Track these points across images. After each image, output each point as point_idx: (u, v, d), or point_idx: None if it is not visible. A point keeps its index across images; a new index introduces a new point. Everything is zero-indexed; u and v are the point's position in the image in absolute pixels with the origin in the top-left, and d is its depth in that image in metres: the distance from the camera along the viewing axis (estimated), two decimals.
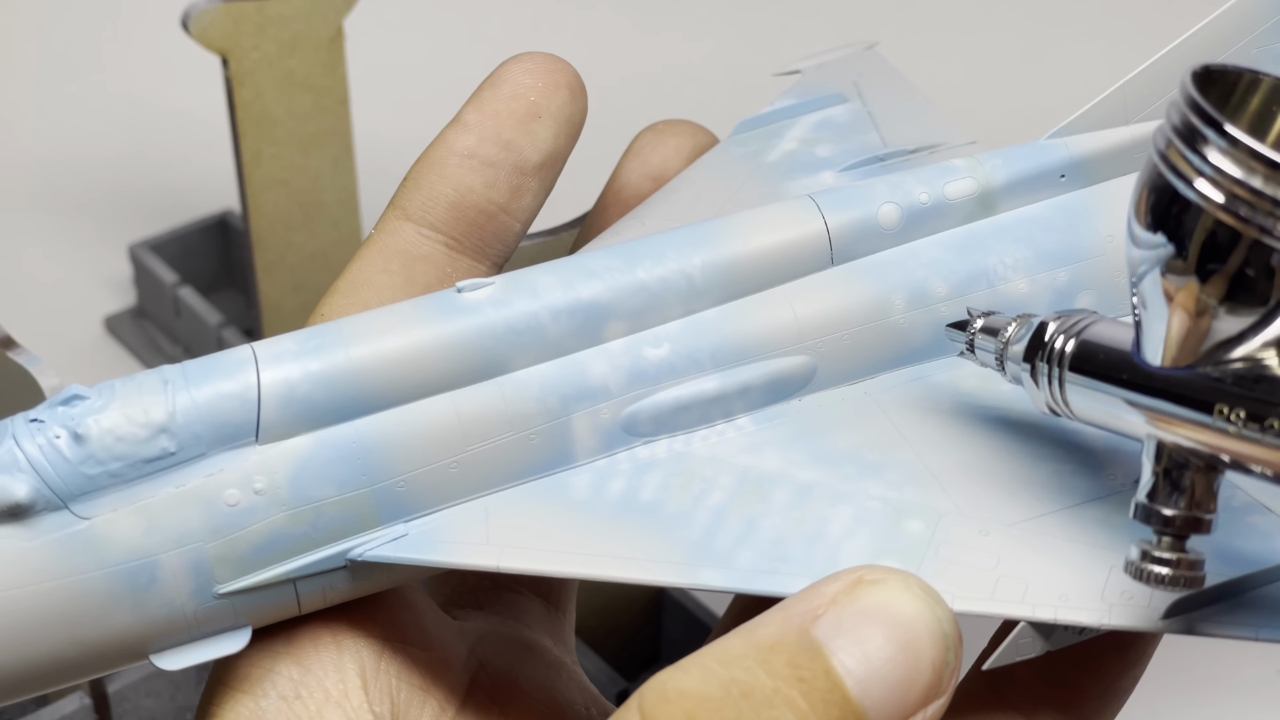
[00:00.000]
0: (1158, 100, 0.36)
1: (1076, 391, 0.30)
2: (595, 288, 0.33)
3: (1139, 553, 0.28)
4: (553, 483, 0.33)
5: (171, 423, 0.31)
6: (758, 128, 0.42)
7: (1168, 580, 0.27)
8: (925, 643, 0.28)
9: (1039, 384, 0.30)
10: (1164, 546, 0.28)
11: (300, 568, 0.31)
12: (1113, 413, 0.29)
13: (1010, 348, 0.31)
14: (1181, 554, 0.28)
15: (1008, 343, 0.32)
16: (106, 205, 0.74)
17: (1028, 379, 0.31)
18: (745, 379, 0.34)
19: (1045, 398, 0.30)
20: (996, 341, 0.32)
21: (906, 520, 0.31)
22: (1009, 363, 0.31)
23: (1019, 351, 0.31)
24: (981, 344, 0.32)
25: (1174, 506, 0.28)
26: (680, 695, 0.27)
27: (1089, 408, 0.30)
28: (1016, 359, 0.31)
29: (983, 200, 0.36)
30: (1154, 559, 0.28)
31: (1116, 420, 0.29)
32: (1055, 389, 0.30)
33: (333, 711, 0.32)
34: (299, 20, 0.57)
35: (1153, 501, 0.28)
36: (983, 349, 0.32)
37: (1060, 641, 0.30)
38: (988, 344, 0.32)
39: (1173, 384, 0.28)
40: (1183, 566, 0.27)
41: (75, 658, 0.31)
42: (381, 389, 0.32)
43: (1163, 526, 0.28)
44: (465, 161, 0.37)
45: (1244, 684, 0.54)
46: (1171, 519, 0.28)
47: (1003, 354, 0.32)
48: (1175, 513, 0.28)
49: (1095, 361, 0.29)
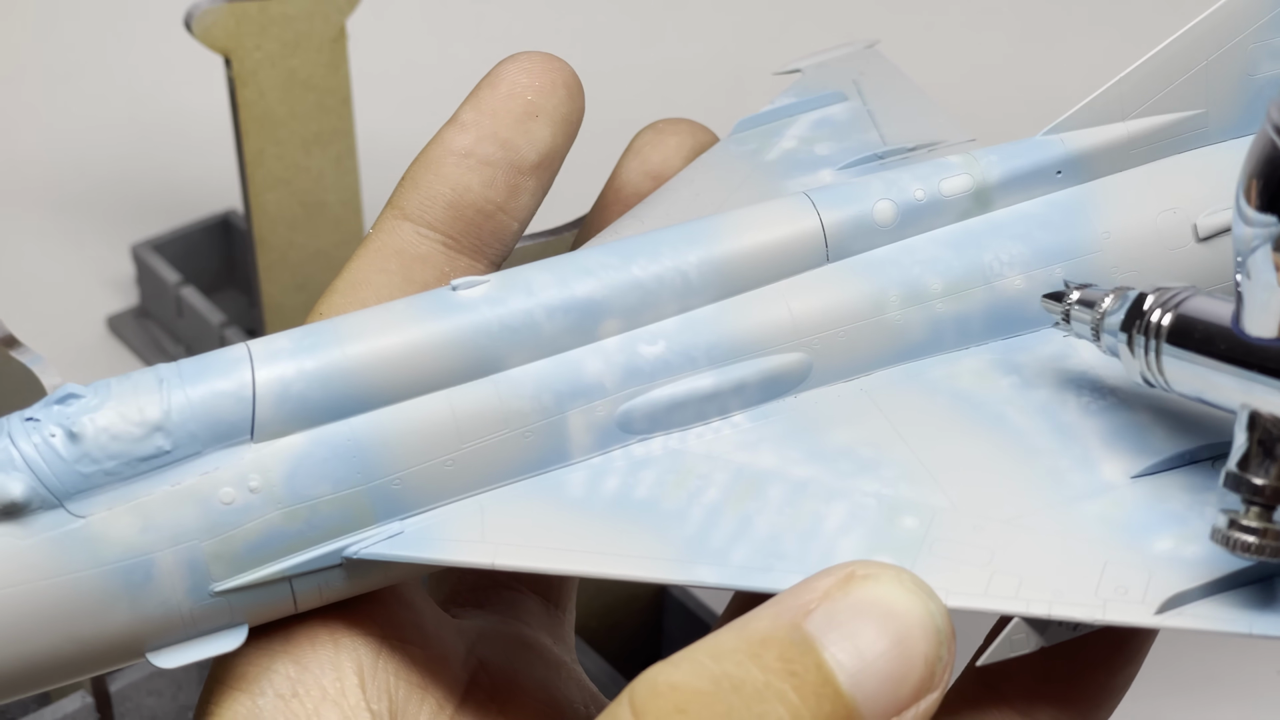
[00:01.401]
0: (1154, 96, 0.36)
1: (1173, 363, 0.31)
2: (590, 285, 0.33)
3: (1226, 521, 0.29)
4: (548, 480, 0.33)
5: (167, 421, 0.31)
6: (757, 126, 0.42)
7: (1254, 549, 0.28)
8: (918, 637, 0.28)
9: (1135, 354, 0.31)
10: (1252, 516, 0.29)
11: (296, 566, 0.31)
12: (1209, 383, 0.30)
13: (1107, 319, 0.32)
14: (1269, 524, 0.29)
15: (1104, 314, 0.33)
16: (109, 205, 0.74)
17: (1124, 349, 0.32)
18: (741, 376, 0.34)
19: (1140, 368, 0.32)
20: (1093, 313, 0.33)
21: (901, 516, 0.31)
22: (1105, 334, 0.33)
23: (1115, 323, 0.32)
24: (1078, 315, 0.33)
25: (1264, 476, 0.29)
26: (671, 689, 0.27)
27: (1184, 378, 0.31)
28: (1113, 330, 0.32)
29: (979, 197, 0.35)
30: (1241, 527, 0.29)
31: (1212, 390, 0.30)
32: (1151, 360, 0.31)
33: (330, 710, 0.32)
34: (302, 20, 0.57)
35: (1244, 470, 0.29)
36: (1078, 320, 0.33)
37: (1054, 637, 0.30)
38: (1084, 315, 0.33)
39: (1270, 356, 0.29)
40: (1269, 536, 0.28)
41: (72, 656, 0.31)
42: (376, 387, 0.32)
43: (1252, 495, 0.29)
44: (463, 161, 0.37)
45: (1244, 683, 0.54)
46: (1261, 488, 0.29)
47: (1099, 325, 0.33)
48: (1265, 482, 0.29)
49: (1193, 334, 0.30)
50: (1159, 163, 0.37)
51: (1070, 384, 0.34)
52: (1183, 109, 0.36)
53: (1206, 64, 0.36)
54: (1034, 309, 0.35)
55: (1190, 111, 0.36)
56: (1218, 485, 0.29)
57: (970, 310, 0.35)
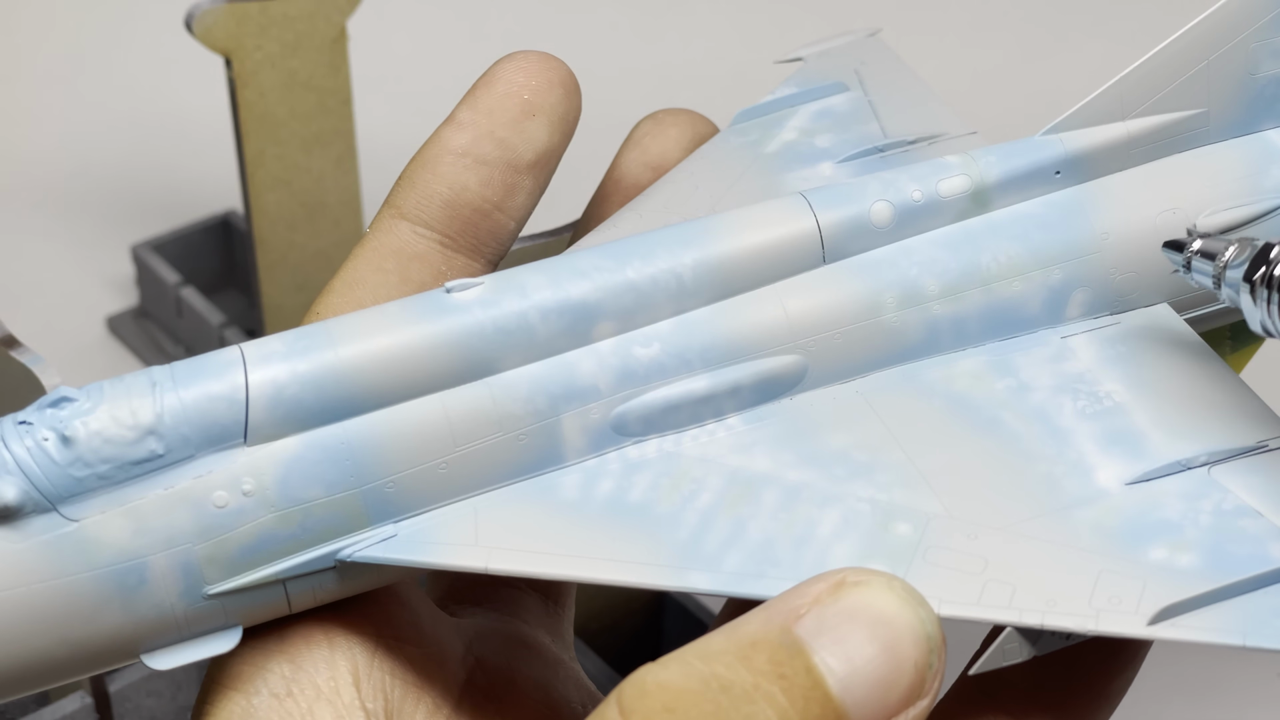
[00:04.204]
0: (1155, 95, 0.36)
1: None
2: (584, 287, 0.33)
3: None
4: (542, 483, 0.33)
5: (159, 424, 0.31)
6: (758, 117, 0.41)
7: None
8: (908, 643, 0.27)
9: (1257, 304, 0.32)
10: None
11: (289, 568, 0.31)
12: None
13: (1229, 270, 0.33)
14: None
15: (1226, 265, 0.33)
16: (109, 205, 0.74)
17: (1246, 298, 0.32)
18: (736, 378, 0.33)
19: (1261, 317, 0.32)
20: (1215, 264, 0.33)
21: (895, 523, 0.31)
22: (1226, 285, 0.33)
23: (1238, 274, 0.32)
24: (1199, 265, 0.34)
25: None
26: (659, 688, 0.27)
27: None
28: (1235, 281, 0.32)
29: (977, 197, 0.35)
30: None
31: None
32: (1274, 310, 0.32)
33: (324, 708, 0.32)
34: (302, 21, 0.57)
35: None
36: (1199, 269, 0.34)
37: (1047, 646, 0.30)
38: (1205, 265, 0.33)
39: None
40: None
41: (66, 658, 0.31)
42: (370, 390, 0.32)
43: None
44: (459, 160, 0.37)
45: (1245, 688, 0.53)
46: None
47: (1220, 275, 0.33)
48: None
49: None
50: (1159, 163, 0.36)
51: (1067, 388, 0.34)
52: (1183, 108, 0.36)
53: (1207, 63, 0.36)
54: (1032, 310, 0.35)
55: (1191, 111, 0.36)
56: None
57: (967, 312, 0.35)
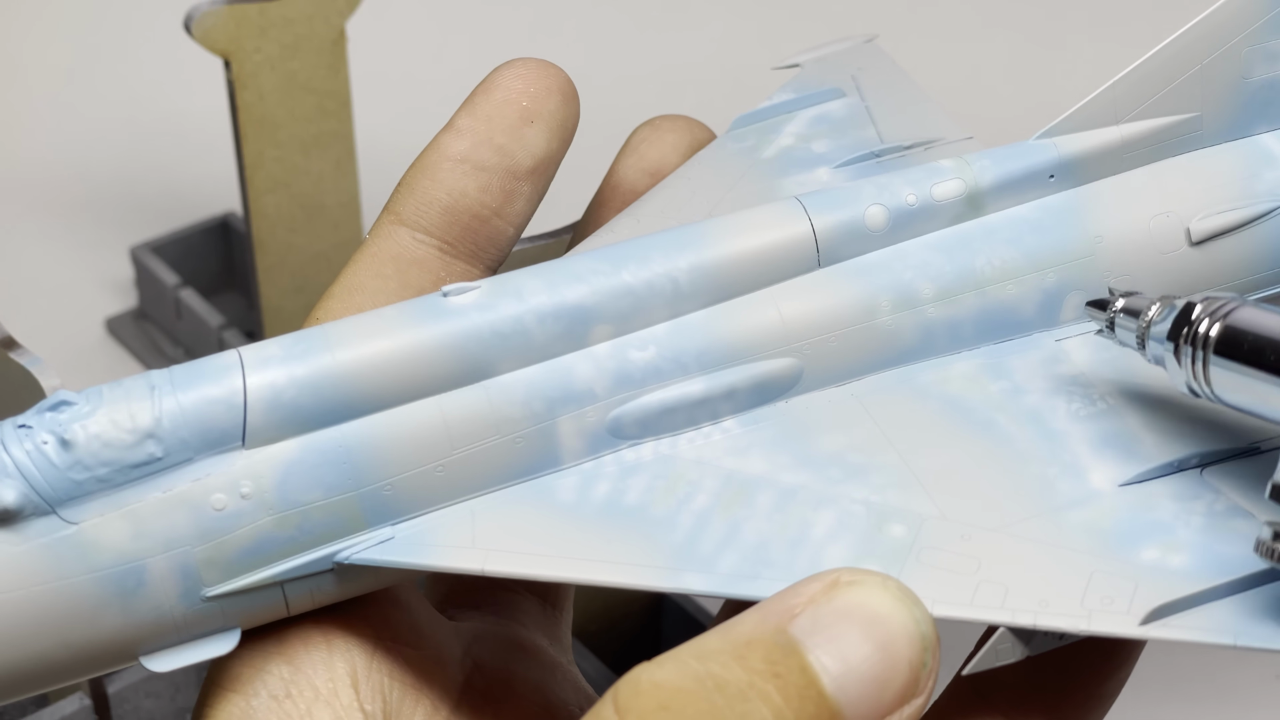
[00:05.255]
0: (1149, 99, 0.36)
1: (1220, 374, 0.31)
2: (580, 291, 0.33)
3: (1271, 533, 0.29)
4: (538, 486, 0.33)
5: (158, 428, 0.31)
6: (755, 123, 0.42)
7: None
8: (902, 643, 0.28)
9: (1181, 364, 0.32)
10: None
11: (287, 571, 0.32)
12: (1258, 395, 0.30)
13: (1153, 328, 0.33)
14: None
15: (1150, 323, 0.33)
16: (108, 207, 0.74)
17: (1170, 359, 0.32)
18: (731, 381, 0.34)
19: (1187, 377, 0.32)
20: (1139, 322, 0.33)
21: (889, 524, 0.31)
22: (1151, 342, 0.33)
23: (1162, 331, 0.32)
24: (1122, 323, 0.33)
25: None
26: (654, 687, 0.27)
27: (1232, 390, 0.31)
28: (1160, 338, 0.32)
29: (971, 201, 0.35)
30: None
31: (1261, 402, 0.30)
32: (1199, 370, 0.31)
33: (322, 710, 0.32)
34: (301, 23, 0.57)
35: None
36: (1123, 328, 0.33)
37: (1040, 647, 0.30)
38: (1129, 324, 0.33)
39: None
40: None
41: (65, 660, 0.31)
42: (367, 393, 0.32)
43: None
44: (458, 166, 0.37)
45: (1244, 689, 0.53)
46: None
47: (1144, 334, 0.33)
48: None
49: (1242, 345, 0.31)
50: (1152, 166, 0.36)
51: (1061, 390, 0.34)
52: (1177, 112, 0.36)
53: (1200, 67, 0.36)
54: (1026, 313, 0.35)
55: (1184, 115, 0.36)
56: (1263, 497, 0.29)
57: (962, 315, 0.35)
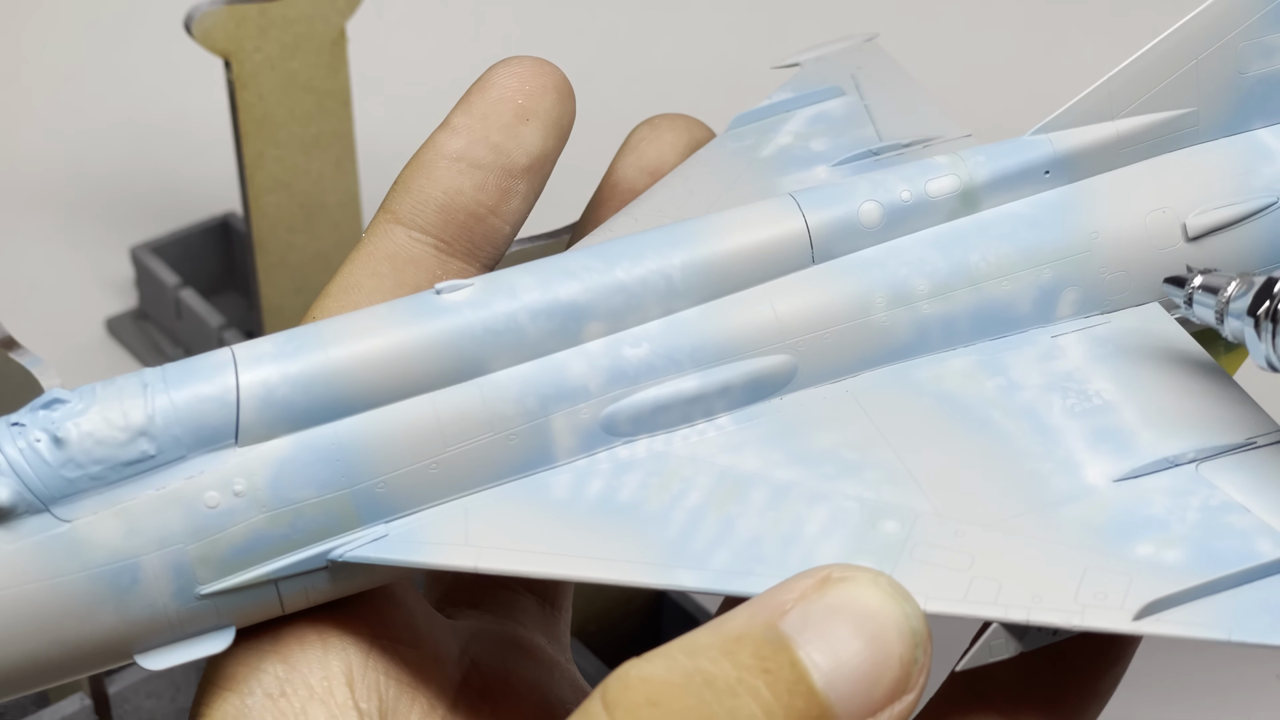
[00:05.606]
0: (1144, 95, 0.36)
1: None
2: (574, 288, 0.33)
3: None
4: (532, 483, 0.33)
5: (151, 426, 0.31)
6: (754, 121, 0.42)
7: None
8: (893, 638, 0.28)
9: (1262, 339, 0.32)
10: None
11: (281, 569, 0.32)
12: None
13: (1232, 304, 0.33)
14: None
15: (1229, 299, 0.33)
16: (108, 207, 0.74)
17: (1250, 334, 0.32)
18: (725, 378, 0.34)
19: (1267, 351, 0.32)
20: (1217, 299, 0.33)
21: (882, 521, 0.31)
22: (1230, 318, 0.33)
23: (1241, 307, 0.32)
24: (1200, 300, 0.34)
25: None
26: (643, 682, 0.27)
27: None
28: (1239, 314, 0.33)
29: (966, 197, 0.35)
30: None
31: None
32: (1279, 344, 0.32)
33: (317, 708, 0.32)
34: (301, 23, 0.57)
35: None
36: (1201, 304, 0.34)
37: (1033, 642, 0.30)
38: (1207, 300, 0.33)
39: None
40: None
41: (59, 659, 0.31)
42: (360, 391, 0.32)
43: None
44: (454, 165, 0.37)
45: (1244, 689, 0.53)
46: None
47: (1224, 310, 0.33)
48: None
49: None
50: (1148, 162, 0.36)
51: (1056, 386, 0.34)
52: (1172, 108, 0.36)
53: (1196, 62, 0.36)
54: (1021, 309, 0.35)
55: (1180, 110, 0.36)
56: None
57: (957, 311, 0.35)
